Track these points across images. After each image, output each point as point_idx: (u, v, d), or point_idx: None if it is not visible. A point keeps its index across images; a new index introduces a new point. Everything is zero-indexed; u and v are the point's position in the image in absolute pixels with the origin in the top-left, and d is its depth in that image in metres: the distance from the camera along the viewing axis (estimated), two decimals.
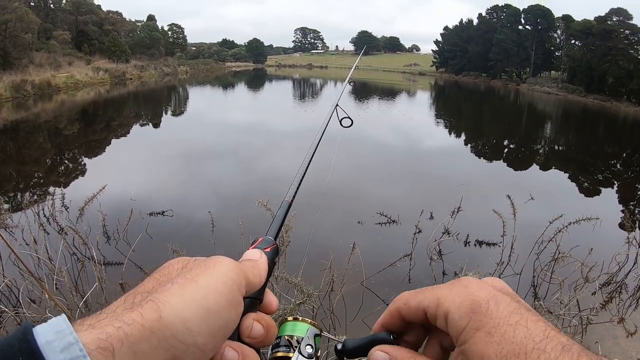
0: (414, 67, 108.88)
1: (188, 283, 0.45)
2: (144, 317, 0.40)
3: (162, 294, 0.43)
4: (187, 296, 0.43)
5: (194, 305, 0.43)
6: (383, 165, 12.81)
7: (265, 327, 0.52)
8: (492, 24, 67.44)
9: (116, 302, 0.43)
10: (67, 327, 0.37)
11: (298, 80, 65.46)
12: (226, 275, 0.48)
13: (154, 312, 0.41)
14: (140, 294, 0.44)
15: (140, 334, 0.39)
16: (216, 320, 0.45)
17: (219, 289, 0.46)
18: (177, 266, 0.49)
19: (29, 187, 10.18)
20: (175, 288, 0.44)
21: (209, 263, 0.49)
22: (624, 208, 10.25)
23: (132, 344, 0.38)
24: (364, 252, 5.51)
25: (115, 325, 0.39)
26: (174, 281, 0.45)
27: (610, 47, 44.76)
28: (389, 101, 36.13)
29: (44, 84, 29.12)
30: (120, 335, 0.38)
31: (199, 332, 0.43)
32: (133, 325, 0.39)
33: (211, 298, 0.45)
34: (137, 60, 54.29)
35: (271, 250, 0.61)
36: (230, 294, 0.47)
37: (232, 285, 0.48)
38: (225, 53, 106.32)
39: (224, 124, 20.41)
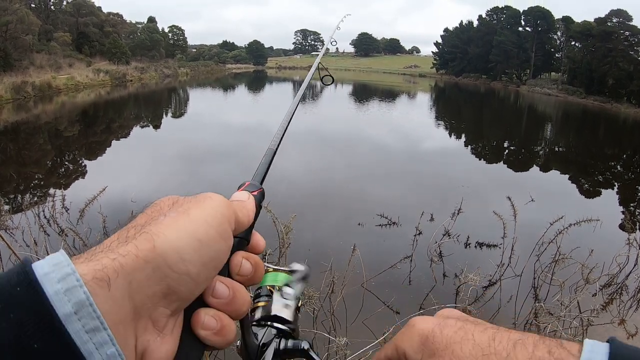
0: (414, 69, 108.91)
1: (180, 216, 0.46)
2: (138, 248, 0.42)
3: (155, 226, 0.45)
4: (180, 227, 0.45)
5: (186, 235, 0.45)
6: (383, 167, 12.81)
7: (253, 265, 0.53)
8: (492, 26, 67.49)
9: (111, 238, 0.45)
10: (65, 260, 0.39)
11: (298, 82, 65.48)
12: (216, 209, 0.49)
13: (148, 243, 0.42)
14: (133, 228, 0.45)
15: (135, 264, 0.41)
16: (207, 250, 0.46)
17: (210, 222, 0.47)
18: (167, 202, 0.51)
19: (30, 189, 10.18)
20: (168, 220, 0.46)
21: (199, 198, 0.50)
22: (625, 209, 10.24)
23: (127, 273, 0.40)
24: (365, 253, 5.51)
25: (111, 257, 0.40)
26: (166, 214, 0.47)
27: (610, 48, 44.78)
28: (389, 103, 36.14)
29: (45, 85, 29.14)
30: (116, 266, 0.40)
31: (192, 262, 0.44)
32: (128, 256, 0.41)
33: (202, 229, 0.46)
34: (137, 62, 54.38)
35: (258, 193, 0.62)
36: (220, 226, 0.48)
37: (221, 219, 0.49)
38: (226, 55, 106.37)
39: (224, 126, 20.42)
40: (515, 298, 5.58)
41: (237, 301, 0.50)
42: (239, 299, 0.50)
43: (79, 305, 0.36)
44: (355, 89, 55.06)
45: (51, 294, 0.36)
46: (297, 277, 0.70)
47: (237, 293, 0.50)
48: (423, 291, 5.69)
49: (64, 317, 0.36)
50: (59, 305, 0.36)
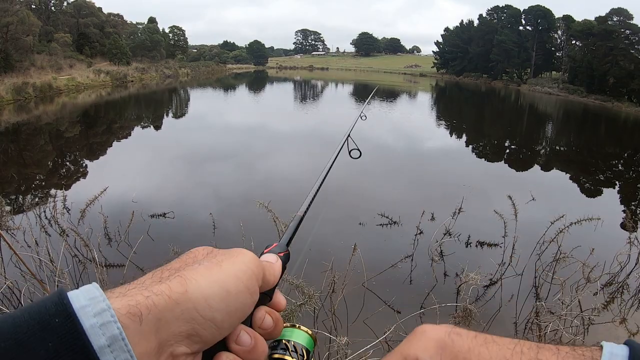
0: (414, 69, 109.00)
1: (213, 266, 0.51)
2: (171, 290, 0.46)
3: (189, 272, 0.49)
4: (212, 277, 0.49)
5: (217, 285, 0.49)
6: (384, 166, 12.80)
7: (274, 320, 0.57)
8: (493, 25, 67.48)
9: (145, 277, 0.49)
10: (100, 295, 0.42)
11: (299, 82, 65.52)
12: (246, 265, 0.53)
13: (181, 286, 0.46)
14: (168, 270, 0.50)
15: (166, 304, 0.44)
16: (234, 301, 0.50)
17: (240, 276, 0.51)
18: (203, 252, 0.55)
19: (31, 189, 10.19)
20: (202, 269, 0.50)
21: (233, 253, 0.54)
22: (626, 208, 10.23)
23: (158, 311, 0.44)
24: (365, 253, 5.51)
25: (144, 294, 0.44)
26: (200, 262, 0.51)
27: (611, 47, 44.74)
28: (390, 102, 36.11)
29: (45, 86, 29.16)
30: (149, 304, 0.43)
31: (218, 310, 0.48)
32: (160, 296, 0.44)
33: (232, 282, 0.50)
34: (138, 62, 54.40)
35: (284, 255, 0.67)
36: (248, 281, 0.52)
37: (250, 275, 0.53)
38: (226, 55, 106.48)
39: (225, 126, 20.43)
40: (517, 297, 5.58)
41: (256, 351, 0.53)
42: (259, 349, 0.54)
43: (112, 339, 0.40)
44: (355, 88, 55.03)
45: (87, 327, 0.39)
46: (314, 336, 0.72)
47: (257, 344, 0.54)
48: (424, 290, 5.69)
49: (99, 349, 0.39)
50: (94, 338, 0.39)
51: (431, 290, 5.62)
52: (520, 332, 4.86)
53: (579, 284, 5.31)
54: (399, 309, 5.15)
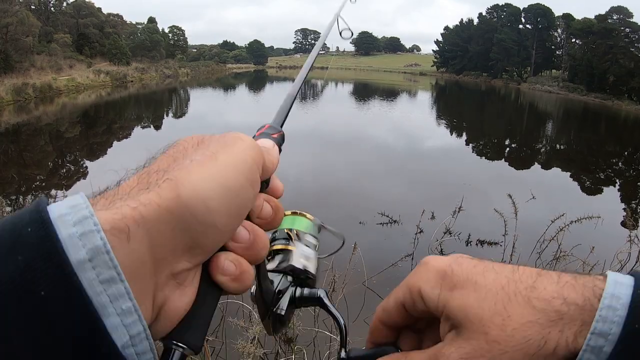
0: (414, 67, 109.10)
1: (207, 160, 0.42)
2: (161, 197, 0.38)
3: (180, 172, 0.41)
4: (207, 174, 0.41)
5: (214, 183, 0.41)
6: (384, 165, 12.81)
7: (274, 208, 0.51)
8: (493, 24, 67.52)
9: (129, 182, 0.42)
10: (84, 202, 0.35)
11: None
12: (246, 153, 0.46)
13: (172, 191, 0.39)
14: (155, 172, 0.42)
15: (158, 215, 0.37)
16: (236, 199, 0.43)
17: (239, 167, 0.44)
18: (192, 142, 0.47)
19: (31, 190, 10.20)
20: (194, 165, 0.41)
21: (228, 140, 0.46)
22: (626, 206, 10.23)
23: (148, 225, 0.36)
24: (366, 252, 5.51)
25: (131, 205, 0.37)
26: (192, 158, 0.43)
27: (611, 45, 44.78)
28: (390, 102, 36.12)
29: (45, 86, 29.17)
30: (136, 216, 0.36)
31: (219, 212, 0.41)
32: (149, 206, 0.37)
33: (232, 176, 0.43)
34: (138, 62, 54.39)
35: (278, 136, 0.61)
36: (250, 172, 0.45)
37: (252, 164, 0.46)
38: (226, 55, 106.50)
39: (225, 125, 20.42)
40: None
41: (257, 245, 0.47)
42: (259, 243, 0.47)
43: (94, 251, 0.33)
44: (355, 88, 55.04)
45: (64, 237, 0.33)
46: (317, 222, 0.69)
47: (257, 237, 0.47)
48: None
49: (77, 263, 0.33)
50: (72, 250, 0.33)
51: None
52: None
53: None
54: None
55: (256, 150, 0.47)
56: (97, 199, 0.38)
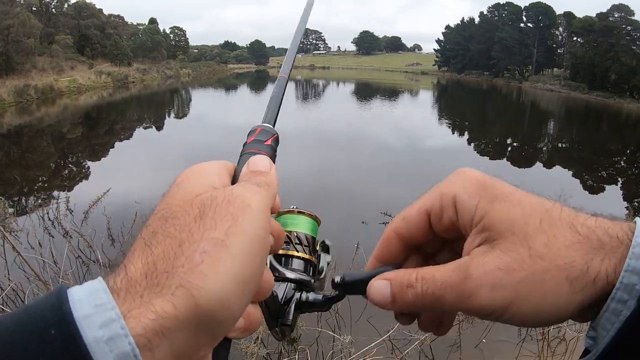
0: (416, 67, 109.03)
1: (219, 252, 0.37)
2: (178, 308, 0.34)
3: (192, 276, 0.36)
4: (222, 273, 0.36)
5: (232, 282, 0.37)
6: (386, 165, 12.81)
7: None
8: (494, 22, 67.45)
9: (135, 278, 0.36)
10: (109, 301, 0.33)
11: (300, 82, 65.50)
12: (259, 226, 0.40)
13: (189, 301, 0.35)
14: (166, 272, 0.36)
15: (177, 325, 0.34)
16: (253, 287, 0.39)
17: (254, 251, 0.39)
18: (192, 213, 0.40)
19: (34, 191, 10.21)
20: (206, 266, 0.36)
21: (236, 210, 0.40)
22: (628, 205, 10.23)
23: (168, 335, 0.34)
24: (368, 252, 5.50)
25: (150, 317, 0.33)
26: (200, 249, 0.37)
27: (613, 43, 44.71)
28: (392, 101, 36.11)
29: (47, 88, 29.20)
30: (157, 328, 0.33)
31: (238, 305, 0.38)
32: (168, 318, 0.34)
33: (248, 267, 0.38)
34: (139, 63, 54.40)
35: (272, 141, 0.55)
36: (265, 248, 0.41)
37: (265, 237, 0.41)
38: (227, 55, 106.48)
39: (227, 126, 20.43)
40: None
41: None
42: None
43: (122, 358, 0.31)
44: (357, 87, 55.03)
45: (90, 341, 0.31)
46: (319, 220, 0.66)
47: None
48: None
49: None
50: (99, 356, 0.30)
51: None
52: (523, 329, 4.86)
53: None
54: None
55: (267, 213, 0.42)
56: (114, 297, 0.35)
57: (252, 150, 0.52)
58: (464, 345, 4.46)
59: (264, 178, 0.46)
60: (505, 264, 0.40)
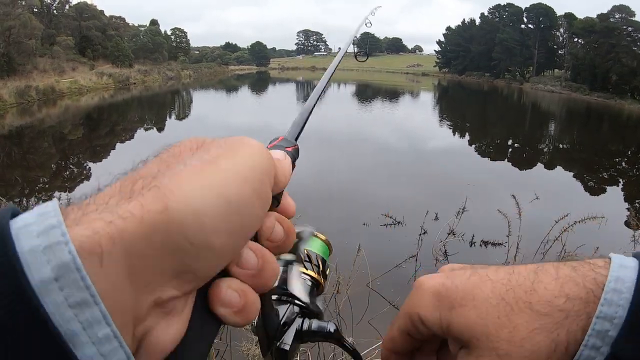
0: (416, 68, 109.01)
1: (206, 166, 0.34)
2: (144, 208, 0.30)
3: (170, 179, 0.32)
4: (204, 182, 0.32)
5: (212, 194, 0.32)
6: (387, 166, 12.81)
7: (286, 229, 0.42)
8: (495, 24, 67.43)
9: (110, 190, 0.33)
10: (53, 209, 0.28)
11: (301, 83, 65.53)
12: (254, 160, 0.37)
13: (158, 202, 0.30)
14: (142, 178, 0.33)
15: (139, 231, 0.29)
16: (239, 215, 0.34)
17: (245, 175, 0.35)
18: (190, 145, 0.38)
19: (34, 192, 10.22)
20: (189, 171, 0.33)
21: (233, 143, 0.37)
22: (630, 206, 10.22)
23: (127, 244, 0.28)
24: (370, 253, 5.51)
25: (106, 218, 0.29)
26: (186, 162, 0.34)
27: (613, 44, 44.70)
28: (393, 102, 36.13)
29: (48, 89, 29.23)
30: (112, 232, 0.28)
31: (216, 230, 0.32)
32: (129, 220, 0.29)
33: (235, 186, 0.34)
34: (140, 64, 54.46)
35: (293, 150, 0.53)
36: (259, 183, 0.36)
37: (261, 173, 0.37)
38: (229, 56, 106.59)
39: (228, 127, 20.45)
40: None
41: (266, 273, 0.38)
42: (269, 270, 0.38)
43: (61, 268, 0.26)
44: (358, 88, 55.05)
45: (25, 250, 0.26)
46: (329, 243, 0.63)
47: (266, 263, 0.38)
48: None
49: (40, 284, 0.25)
50: (34, 267, 0.25)
51: None
52: None
53: None
54: None
55: (267, 158, 0.38)
56: (69, 209, 0.30)
57: None
58: None
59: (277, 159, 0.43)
60: None
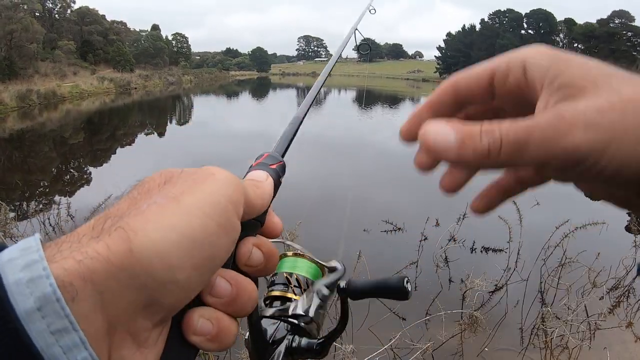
0: (417, 74, 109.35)
1: (169, 203, 0.35)
2: (111, 249, 0.32)
3: (134, 219, 0.34)
4: (166, 221, 0.34)
5: (174, 233, 0.34)
6: (388, 172, 12.79)
7: (265, 253, 0.43)
8: (495, 29, 67.67)
9: (84, 227, 0.35)
10: (35, 244, 0.31)
11: (302, 89, 65.63)
12: (219, 193, 0.38)
13: (123, 244, 0.32)
14: (111, 217, 0.35)
15: (107, 271, 0.31)
16: (202, 250, 0.35)
17: (208, 212, 0.36)
18: (159, 180, 0.39)
19: (35, 196, 10.21)
20: (152, 211, 0.34)
21: (199, 176, 0.38)
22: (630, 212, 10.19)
23: (97, 282, 0.31)
24: (370, 260, 5.49)
25: (77, 257, 0.31)
26: (151, 201, 0.35)
27: (613, 49, 44.87)
28: (393, 108, 36.15)
29: (50, 93, 29.30)
30: (82, 271, 0.30)
31: (180, 267, 0.34)
32: (97, 259, 0.31)
33: (197, 223, 0.35)
34: (141, 69, 54.72)
35: (277, 167, 0.53)
36: (222, 216, 0.37)
37: (226, 206, 0.37)
38: (229, 62, 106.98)
39: (228, 132, 20.47)
40: (522, 303, 5.55)
41: (240, 300, 0.39)
42: (243, 297, 0.40)
43: (43, 300, 0.29)
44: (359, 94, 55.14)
45: (11, 283, 0.29)
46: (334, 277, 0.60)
47: (240, 290, 0.39)
48: (429, 297, 5.67)
49: (25, 313, 0.28)
50: (19, 298, 0.28)
51: (436, 297, 5.60)
52: (526, 338, 4.84)
53: (585, 289, 5.29)
54: (404, 316, 5.12)
55: (232, 187, 0.40)
56: (46, 245, 0.33)
57: None
58: (466, 353, 4.44)
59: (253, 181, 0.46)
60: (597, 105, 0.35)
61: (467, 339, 4.54)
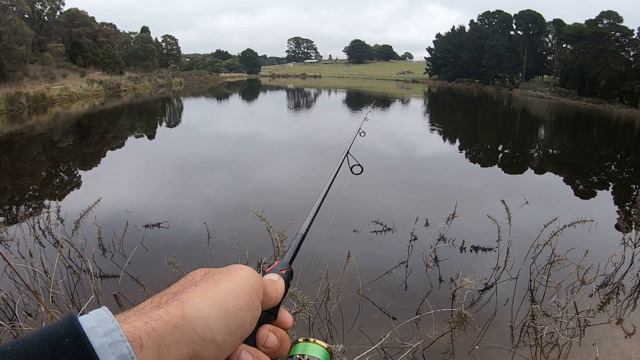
0: (407, 75, 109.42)
1: (210, 286, 0.51)
2: (169, 314, 0.46)
3: (186, 295, 0.49)
4: (209, 297, 0.50)
5: (214, 305, 0.49)
6: (377, 173, 12.81)
7: (279, 338, 0.58)
8: (484, 30, 67.87)
9: (144, 303, 0.49)
10: (110, 317, 0.43)
11: (292, 90, 65.55)
12: (245, 281, 0.54)
13: (178, 310, 0.47)
14: (166, 295, 0.50)
15: (165, 329, 0.45)
16: (234, 320, 0.51)
17: (238, 292, 0.52)
18: (200, 274, 0.55)
19: (24, 200, 10.14)
20: (198, 290, 0.50)
21: (231, 270, 0.55)
22: (619, 209, 10.29)
23: (157, 337, 0.44)
24: (360, 260, 5.51)
25: (143, 320, 0.45)
26: (197, 284, 0.52)
27: (602, 49, 45.13)
28: (383, 109, 36.19)
29: (39, 96, 29.08)
30: (148, 329, 0.44)
31: (218, 330, 0.48)
32: (159, 321, 0.45)
33: (230, 299, 0.51)
34: (131, 72, 54.35)
35: (286, 272, 0.68)
36: (248, 297, 0.53)
37: (250, 290, 0.54)
38: (219, 64, 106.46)
39: (218, 135, 20.41)
40: (512, 301, 5.59)
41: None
42: None
43: (121, 358, 0.41)
44: (348, 96, 55.16)
45: (97, 346, 0.40)
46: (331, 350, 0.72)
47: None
48: (419, 296, 5.69)
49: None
50: (104, 357, 0.40)
51: (426, 296, 5.62)
52: (516, 335, 4.87)
53: (574, 286, 5.32)
54: (394, 315, 5.14)
55: (255, 279, 0.56)
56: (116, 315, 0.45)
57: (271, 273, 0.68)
58: (456, 351, 4.46)
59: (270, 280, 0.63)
60: None
61: (458, 338, 4.56)
